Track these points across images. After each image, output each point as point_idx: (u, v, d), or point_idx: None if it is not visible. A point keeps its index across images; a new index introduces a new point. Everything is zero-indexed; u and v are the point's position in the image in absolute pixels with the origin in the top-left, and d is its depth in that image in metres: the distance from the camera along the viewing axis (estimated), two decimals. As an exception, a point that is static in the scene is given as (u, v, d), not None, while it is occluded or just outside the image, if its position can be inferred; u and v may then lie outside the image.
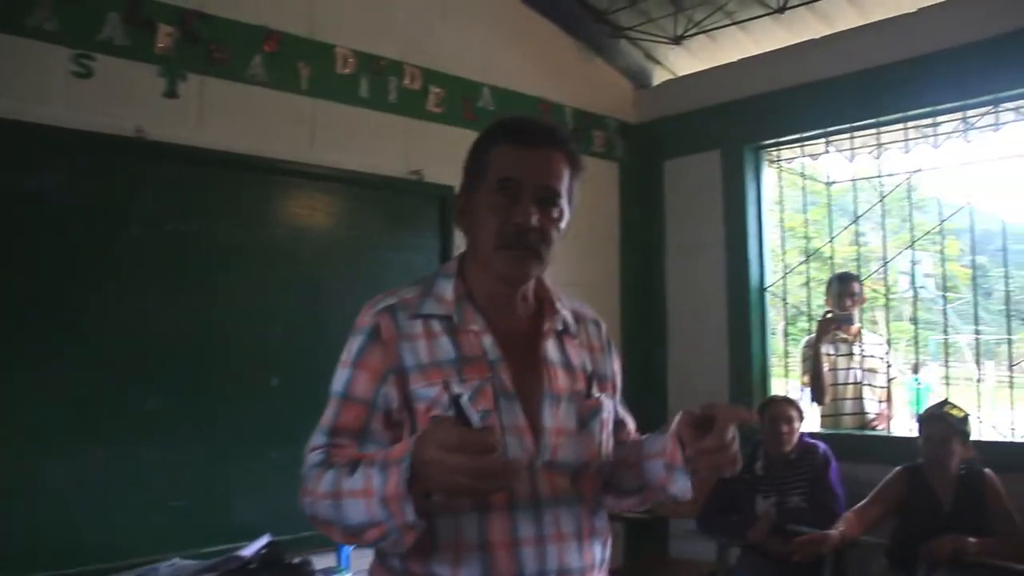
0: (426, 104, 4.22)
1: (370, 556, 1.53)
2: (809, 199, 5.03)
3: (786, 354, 5.20)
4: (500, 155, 1.48)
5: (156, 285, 3.30)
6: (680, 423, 1.44)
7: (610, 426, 1.59)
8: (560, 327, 1.57)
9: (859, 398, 4.42)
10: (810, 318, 4.88)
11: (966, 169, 4.23)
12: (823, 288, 4.66)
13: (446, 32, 4.36)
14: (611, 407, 1.60)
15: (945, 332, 5.25)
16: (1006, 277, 4.37)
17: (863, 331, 4.56)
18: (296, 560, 2.94)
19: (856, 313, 4.46)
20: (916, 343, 5.16)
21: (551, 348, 1.54)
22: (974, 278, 6.84)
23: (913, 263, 5.19)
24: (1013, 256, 4.18)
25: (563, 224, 1.51)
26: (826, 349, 4.41)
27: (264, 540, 2.96)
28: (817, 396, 4.41)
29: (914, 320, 4.72)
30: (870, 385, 4.44)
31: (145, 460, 3.19)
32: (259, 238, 3.59)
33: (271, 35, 3.67)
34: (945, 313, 5.75)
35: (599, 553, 1.52)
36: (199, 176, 3.44)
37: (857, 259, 4.73)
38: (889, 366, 4.52)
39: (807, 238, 5.06)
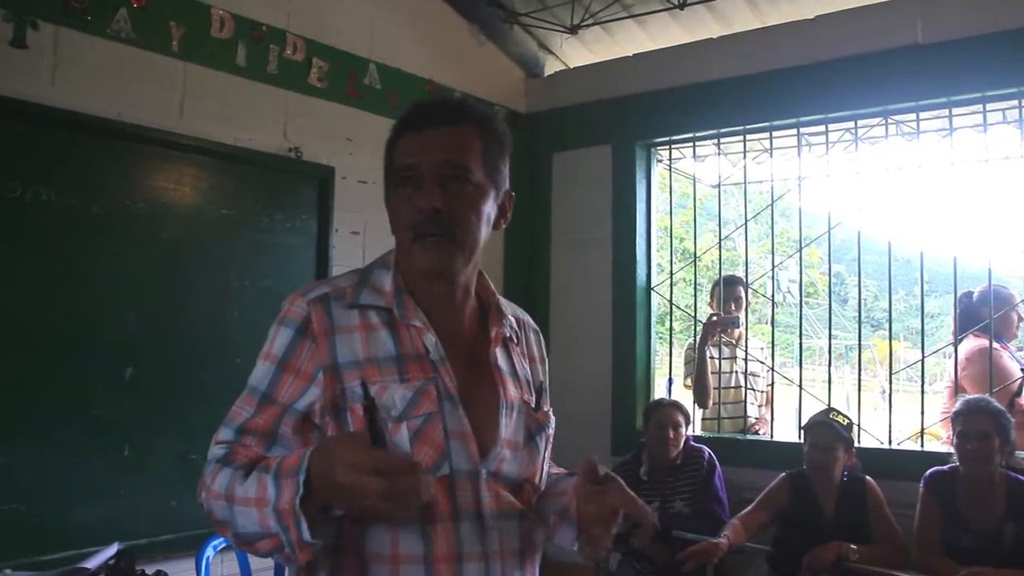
0: (308, 77, 3.93)
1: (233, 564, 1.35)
2: (681, 201, 5.03)
3: (670, 356, 5.16)
4: (400, 145, 1.39)
5: (-8, 259, 2.92)
6: (580, 478, 1.34)
7: (551, 442, 1.50)
8: (508, 332, 1.49)
9: (741, 402, 4.40)
10: (691, 319, 4.85)
11: (853, 179, 4.26)
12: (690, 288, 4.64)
13: (333, 2, 4.07)
14: (553, 423, 1.51)
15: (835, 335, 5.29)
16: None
17: (746, 335, 4.56)
18: (149, 571, 2.64)
19: (741, 316, 4.45)
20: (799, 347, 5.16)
21: (500, 355, 1.45)
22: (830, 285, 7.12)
23: (775, 268, 5.21)
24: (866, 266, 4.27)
25: (484, 203, 1.39)
26: (710, 352, 4.37)
27: (113, 549, 2.64)
28: (701, 400, 4.37)
29: (799, 326, 4.72)
30: (752, 389, 4.44)
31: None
32: (117, 212, 3.23)
33: (139, -13, 3.31)
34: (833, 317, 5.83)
35: (536, 571, 1.44)
36: (50, 139, 3.06)
37: (746, 264, 4.71)
38: (771, 370, 4.53)
39: (694, 244, 5.03)
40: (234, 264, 3.54)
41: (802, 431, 3.65)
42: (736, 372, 4.43)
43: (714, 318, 4.38)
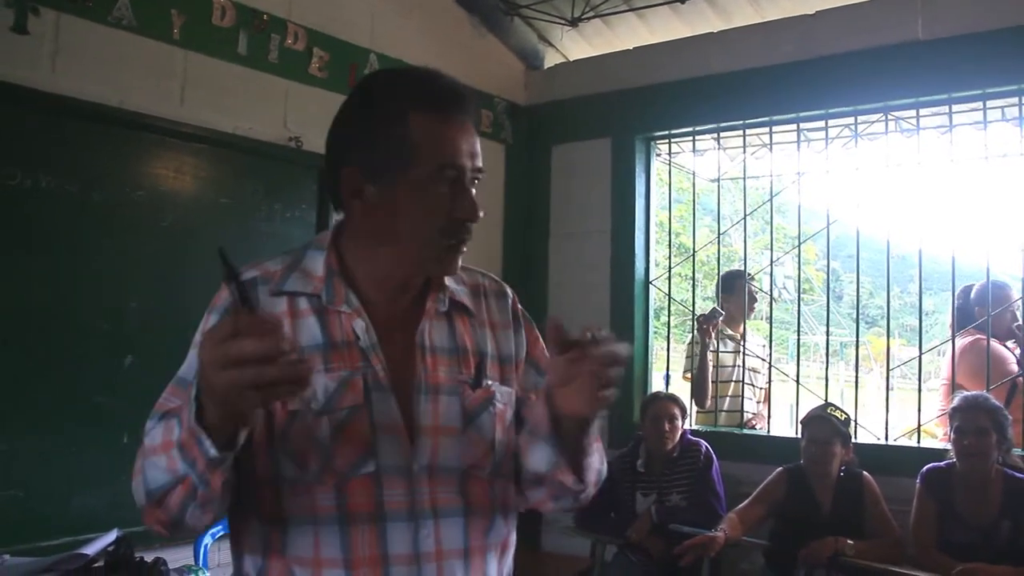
0: (309, 67, 3.92)
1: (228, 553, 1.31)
2: (679, 196, 5.04)
3: (668, 350, 5.12)
4: (431, 132, 1.25)
5: (-8, 246, 2.91)
6: (551, 354, 1.22)
7: (508, 417, 1.37)
8: (444, 307, 1.36)
9: (739, 396, 4.40)
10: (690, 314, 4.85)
11: (852, 176, 4.26)
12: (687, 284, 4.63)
13: (335, -8, 4.07)
14: (509, 395, 1.38)
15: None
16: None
17: (744, 329, 4.55)
18: (148, 558, 2.63)
19: (737, 310, 4.45)
20: (796, 343, 5.11)
21: (433, 332, 1.33)
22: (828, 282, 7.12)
23: (791, 265, 5.19)
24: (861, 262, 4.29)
25: None
26: (712, 345, 4.37)
27: (112, 536, 2.63)
28: (699, 398, 4.38)
29: (797, 321, 4.70)
30: (751, 385, 4.44)
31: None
32: (117, 199, 3.22)
33: (140, -26, 3.30)
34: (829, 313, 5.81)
35: (494, 570, 1.34)
36: (50, 125, 3.05)
37: (744, 259, 4.70)
38: (770, 366, 4.52)
39: (692, 238, 5.00)
40: (232, 253, 3.51)
41: (799, 425, 3.66)
42: (737, 367, 4.42)
43: (700, 317, 4.38)
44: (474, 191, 1.29)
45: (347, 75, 4.06)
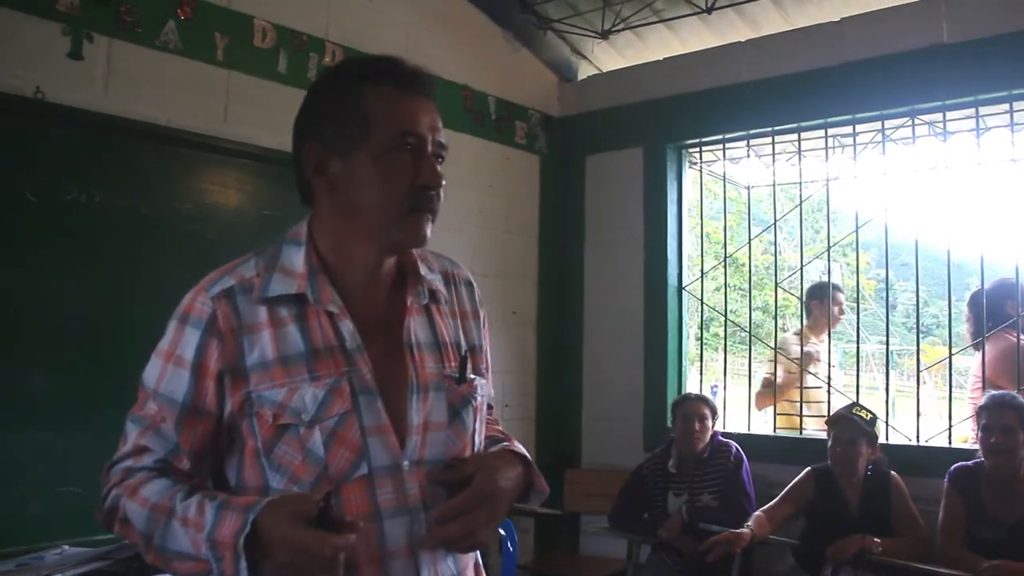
0: (346, 84, 4.08)
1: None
2: (720, 205, 5.08)
3: (701, 357, 5.10)
4: (389, 102, 1.27)
5: (50, 257, 3.10)
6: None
7: (484, 411, 1.42)
8: (425, 299, 1.37)
9: (822, 401, 4.41)
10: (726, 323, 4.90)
11: (881, 180, 4.28)
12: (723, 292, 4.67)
13: (370, 12, 4.22)
14: (484, 389, 1.42)
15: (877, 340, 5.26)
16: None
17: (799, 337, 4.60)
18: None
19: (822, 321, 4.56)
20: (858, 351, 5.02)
21: (417, 328, 1.34)
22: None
23: (828, 272, 5.16)
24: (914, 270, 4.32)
25: None
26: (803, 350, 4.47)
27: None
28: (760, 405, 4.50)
29: (828, 330, 4.67)
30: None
31: (29, 444, 2.99)
32: (165, 213, 3.41)
33: (186, 1, 3.49)
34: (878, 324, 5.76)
35: (476, 557, 1.40)
36: (103, 144, 3.24)
37: (775, 265, 4.74)
38: (830, 367, 4.56)
39: (723, 244, 5.05)
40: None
41: (826, 426, 3.70)
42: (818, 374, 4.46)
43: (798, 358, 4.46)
44: (440, 168, 1.31)
45: (384, 91, 4.20)
